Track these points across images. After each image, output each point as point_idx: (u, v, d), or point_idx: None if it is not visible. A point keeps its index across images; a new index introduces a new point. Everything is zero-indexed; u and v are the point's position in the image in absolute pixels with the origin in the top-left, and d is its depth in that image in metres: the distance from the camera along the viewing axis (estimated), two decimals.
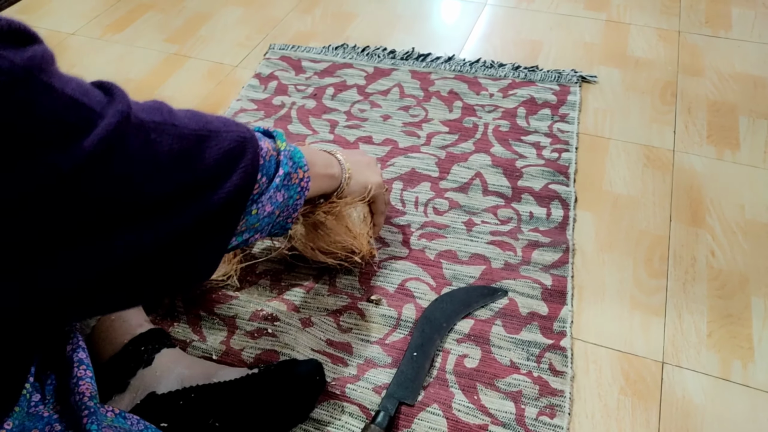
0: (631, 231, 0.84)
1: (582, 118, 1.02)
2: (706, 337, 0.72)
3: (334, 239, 0.72)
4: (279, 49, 1.21)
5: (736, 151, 0.95)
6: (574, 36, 1.22)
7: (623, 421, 0.65)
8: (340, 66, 1.16)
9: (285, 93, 1.10)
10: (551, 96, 1.06)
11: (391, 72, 1.14)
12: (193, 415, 0.58)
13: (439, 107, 1.05)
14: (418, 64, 1.15)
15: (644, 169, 0.93)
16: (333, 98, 1.08)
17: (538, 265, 0.79)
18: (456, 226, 0.85)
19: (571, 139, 0.97)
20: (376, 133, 1.01)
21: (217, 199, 0.43)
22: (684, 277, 0.78)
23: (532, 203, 0.87)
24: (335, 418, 0.64)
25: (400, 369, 0.68)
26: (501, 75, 1.11)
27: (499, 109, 1.04)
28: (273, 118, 1.05)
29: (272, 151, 0.52)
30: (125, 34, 1.29)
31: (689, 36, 1.21)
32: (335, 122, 1.03)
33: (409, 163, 0.95)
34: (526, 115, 1.02)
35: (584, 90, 1.08)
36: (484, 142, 0.98)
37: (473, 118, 1.02)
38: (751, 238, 0.82)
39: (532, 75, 1.11)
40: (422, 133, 1.00)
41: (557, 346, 0.70)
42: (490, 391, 0.67)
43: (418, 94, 1.08)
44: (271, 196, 0.51)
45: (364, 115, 1.05)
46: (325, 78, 1.13)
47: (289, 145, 0.55)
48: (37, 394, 0.46)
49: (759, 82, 1.08)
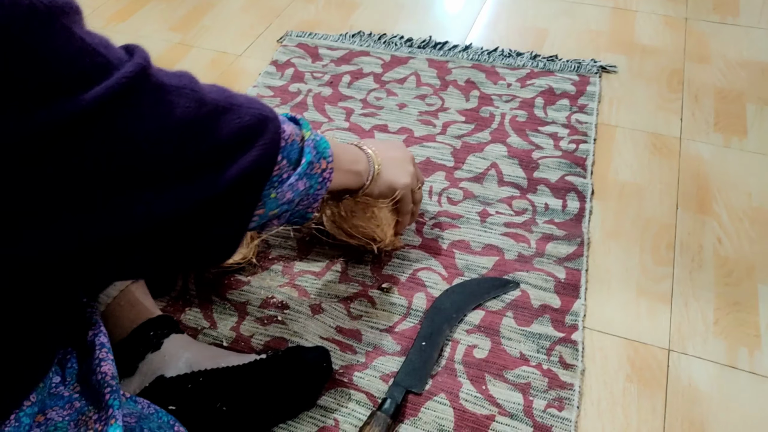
0: (638, 219, 0.84)
1: (601, 109, 1.01)
2: (713, 324, 0.72)
3: (358, 224, 0.72)
4: (296, 36, 1.20)
5: (744, 138, 0.95)
6: (580, 24, 1.21)
7: (629, 408, 0.65)
8: (357, 54, 1.15)
9: (301, 80, 1.10)
10: (570, 86, 1.05)
11: (408, 60, 1.13)
12: (201, 398, 0.58)
13: (455, 96, 1.05)
14: (436, 52, 1.14)
15: (651, 157, 0.92)
16: (349, 86, 1.08)
17: (552, 258, 0.79)
18: (470, 216, 0.85)
19: (589, 131, 0.96)
20: (392, 121, 1.01)
21: (234, 173, 0.42)
22: (691, 265, 0.78)
23: (547, 194, 0.87)
24: (342, 406, 0.65)
25: (409, 358, 0.68)
26: (519, 64, 1.10)
27: (516, 99, 1.03)
28: (289, 105, 1.05)
29: (295, 136, 0.51)
30: (129, 24, 1.29)
31: (696, 23, 1.20)
32: (351, 110, 1.03)
33: (425, 152, 0.95)
34: (544, 106, 1.02)
35: (602, 79, 1.07)
36: (500, 133, 0.97)
37: (490, 108, 1.02)
38: (758, 226, 0.82)
39: (551, 65, 1.10)
40: (438, 122, 1.00)
41: (568, 339, 0.70)
42: (498, 381, 0.67)
43: (435, 83, 1.08)
44: (292, 183, 0.49)
45: (380, 103, 1.04)
46: (341, 66, 1.13)
47: (315, 134, 0.53)
48: (57, 377, 0.46)
49: (767, 69, 1.07)
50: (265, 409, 0.60)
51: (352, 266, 0.79)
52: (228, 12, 1.31)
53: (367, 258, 0.79)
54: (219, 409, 0.58)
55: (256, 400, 0.60)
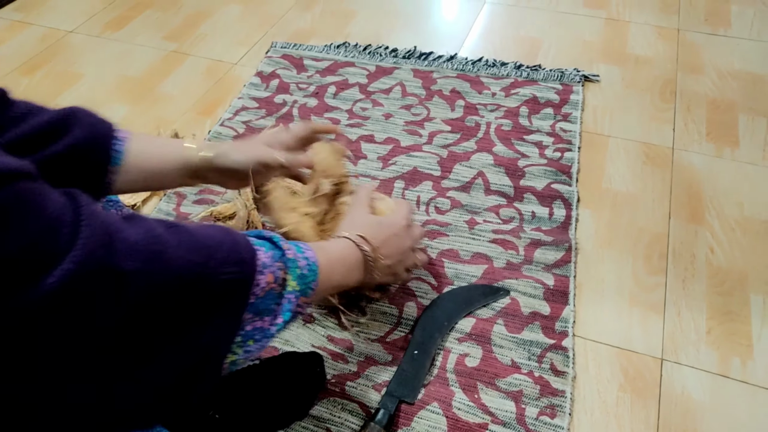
0: (631, 228, 0.84)
1: (584, 117, 1.02)
2: (706, 334, 0.72)
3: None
4: (281, 48, 1.21)
5: (736, 148, 0.95)
6: (574, 34, 1.22)
7: (622, 417, 0.65)
8: (342, 65, 1.16)
9: (287, 91, 1.10)
10: (554, 95, 1.06)
11: (393, 71, 1.14)
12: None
13: (441, 106, 1.05)
14: (420, 62, 1.15)
15: (643, 167, 0.93)
16: (335, 97, 1.08)
17: (541, 265, 0.79)
18: (458, 224, 0.85)
19: (573, 139, 0.97)
20: (378, 131, 1.01)
21: (189, 350, 0.38)
22: (683, 274, 0.78)
23: (534, 203, 0.87)
24: (335, 416, 0.64)
25: (401, 367, 0.68)
26: (503, 74, 1.11)
27: (501, 108, 1.04)
28: (274, 116, 1.05)
29: (273, 284, 0.45)
30: (124, 32, 1.29)
31: (688, 34, 1.21)
32: (337, 121, 1.03)
33: (411, 162, 0.95)
34: (529, 114, 1.02)
35: (585, 88, 1.08)
36: (486, 142, 0.98)
37: (475, 117, 1.02)
38: (750, 236, 0.82)
39: (534, 74, 1.11)
40: (424, 132, 1.00)
41: (559, 346, 0.70)
42: (490, 390, 0.67)
43: (420, 93, 1.08)
44: (262, 341, 0.44)
45: (366, 113, 1.05)
46: (326, 76, 1.13)
47: (302, 271, 0.48)
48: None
49: (758, 79, 1.08)
50: (259, 416, 0.60)
51: None
52: (224, 21, 1.31)
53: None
54: (212, 417, 0.58)
55: (249, 407, 0.59)
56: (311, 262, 0.50)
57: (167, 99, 1.10)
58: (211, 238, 0.41)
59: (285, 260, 0.46)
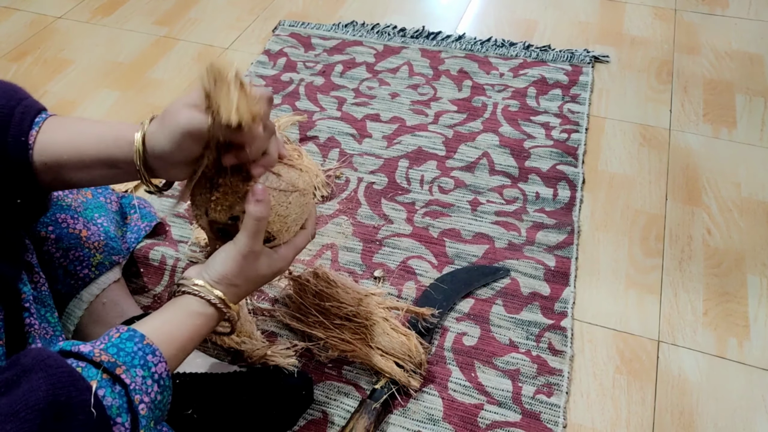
0: (627, 210, 0.83)
1: (592, 99, 1.01)
2: (702, 315, 0.72)
3: None
4: (289, 26, 1.19)
5: (733, 129, 0.95)
6: (570, 15, 1.21)
7: (618, 399, 0.65)
8: (350, 44, 1.14)
9: (294, 70, 1.09)
10: (563, 76, 1.05)
11: (401, 50, 1.12)
12: (173, 401, 0.57)
13: (448, 86, 1.04)
14: (429, 42, 1.14)
15: (640, 148, 0.92)
16: (342, 75, 1.07)
17: (542, 246, 0.78)
18: (461, 205, 0.84)
19: (581, 120, 0.96)
20: (384, 110, 1.00)
21: None
22: (680, 256, 0.78)
23: (539, 183, 0.87)
24: (331, 399, 0.64)
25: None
26: (512, 54, 1.10)
27: (509, 89, 1.03)
28: (281, 94, 1.04)
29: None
30: (114, 17, 1.27)
31: (685, 14, 1.19)
32: (343, 99, 1.02)
33: (416, 142, 0.94)
34: (537, 95, 1.01)
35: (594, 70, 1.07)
36: (492, 122, 0.97)
37: (482, 98, 1.01)
38: (748, 216, 0.82)
39: (544, 55, 1.09)
40: (430, 111, 0.99)
41: (557, 326, 0.70)
42: (487, 368, 0.67)
43: (428, 73, 1.07)
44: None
45: (373, 92, 1.04)
46: (334, 55, 1.12)
47: (153, 404, 0.41)
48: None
49: (756, 59, 1.07)
50: (236, 424, 0.59)
51: (342, 254, 0.78)
52: (215, 5, 1.29)
53: (356, 246, 0.78)
54: (190, 415, 0.57)
55: (227, 413, 0.58)
56: (158, 377, 0.42)
57: (158, 85, 1.09)
58: None
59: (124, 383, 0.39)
